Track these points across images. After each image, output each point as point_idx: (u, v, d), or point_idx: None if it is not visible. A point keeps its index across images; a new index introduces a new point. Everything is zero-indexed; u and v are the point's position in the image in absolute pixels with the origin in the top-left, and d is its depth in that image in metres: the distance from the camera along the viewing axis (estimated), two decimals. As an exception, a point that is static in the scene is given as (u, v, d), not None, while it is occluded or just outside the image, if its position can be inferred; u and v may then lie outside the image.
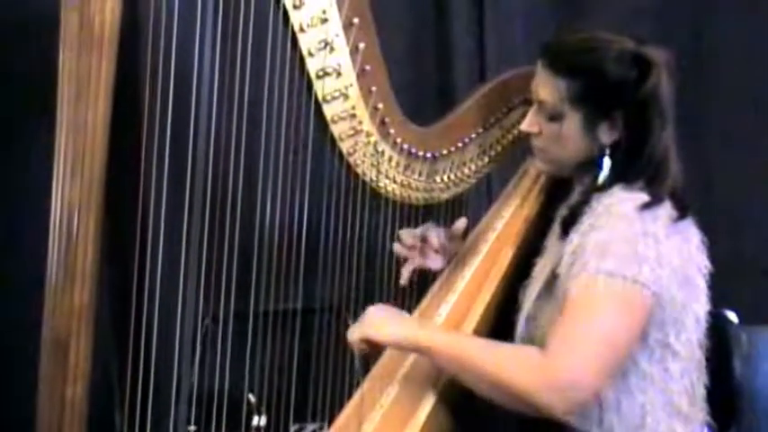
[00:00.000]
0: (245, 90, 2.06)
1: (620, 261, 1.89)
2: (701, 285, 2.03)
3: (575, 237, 1.98)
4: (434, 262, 2.34)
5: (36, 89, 2.20)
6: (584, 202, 2.03)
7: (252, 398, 2.15)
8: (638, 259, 1.90)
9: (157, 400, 2.08)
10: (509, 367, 1.90)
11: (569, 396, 1.87)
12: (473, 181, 2.40)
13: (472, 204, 2.50)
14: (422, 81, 2.88)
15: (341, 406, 2.14)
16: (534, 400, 1.87)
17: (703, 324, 2.05)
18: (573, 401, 1.88)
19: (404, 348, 2.05)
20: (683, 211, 1.99)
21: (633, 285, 1.89)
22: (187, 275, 2.04)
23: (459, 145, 2.34)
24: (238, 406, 2.15)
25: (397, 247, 2.33)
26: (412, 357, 2.11)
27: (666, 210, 1.97)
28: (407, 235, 2.33)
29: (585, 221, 1.99)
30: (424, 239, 2.32)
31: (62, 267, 1.89)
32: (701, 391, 2.07)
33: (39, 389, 1.92)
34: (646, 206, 1.95)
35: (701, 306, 2.03)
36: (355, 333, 2.01)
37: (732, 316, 2.27)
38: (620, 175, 2.01)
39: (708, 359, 2.08)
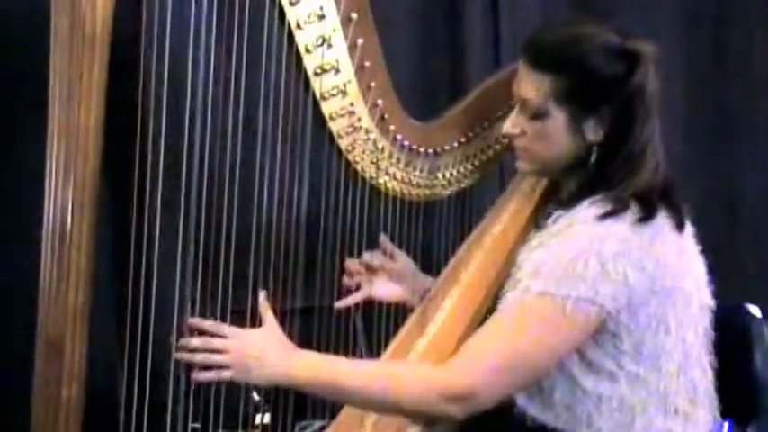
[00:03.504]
0: (241, 87, 2.03)
1: (553, 281, 1.88)
2: (685, 285, 1.99)
3: (523, 253, 1.99)
4: (382, 289, 2.34)
5: (27, 90, 2.20)
6: (549, 215, 2.01)
7: (256, 396, 2.14)
8: (575, 278, 1.87)
9: (158, 398, 2.08)
10: (399, 387, 1.92)
11: (466, 404, 1.88)
12: (476, 177, 2.38)
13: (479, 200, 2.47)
14: (434, 73, 2.85)
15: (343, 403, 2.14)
16: (433, 414, 1.90)
17: (699, 321, 2.02)
18: (470, 409, 1.89)
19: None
20: (649, 214, 1.94)
21: (564, 302, 1.87)
22: (184, 273, 2.04)
23: (462, 140, 2.32)
24: (242, 403, 2.14)
25: (345, 280, 2.33)
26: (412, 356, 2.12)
27: (626, 221, 1.92)
28: (351, 264, 2.32)
29: (536, 239, 1.98)
30: (368, 266, 2.33)
31: (56, 268, 1.87)
32: (705, 389, 2.05)
33: (33, 390, 1.91)
34: (602, 218, 1.92)
35: (687, 305, 2.00)
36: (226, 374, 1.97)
37: (755, 310, 2.25)
38: (604, 174, 1.98)
39: (729, 354, 2.08)
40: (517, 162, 2.13)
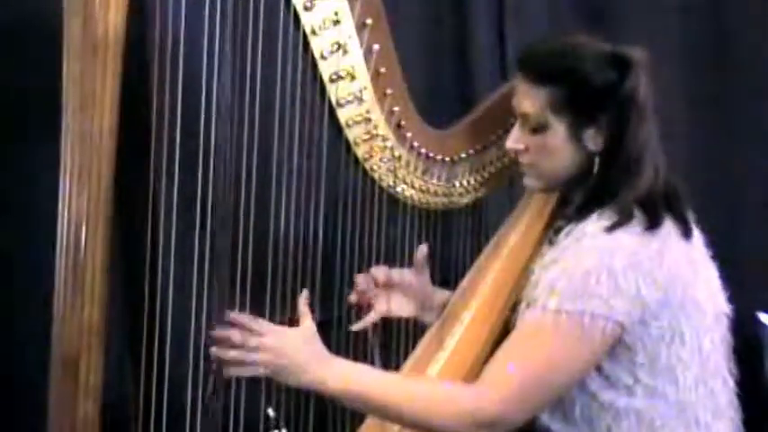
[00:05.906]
0: (256, 95, 2.01)
1: (568, 298, 1.88)
2: (698, 295, 1.98)
3: (536, 269, 1.98)
4: (398, 305, 2.29)
5: (39, 98, 2.16)
6: (559, 230, 2.02)
7: (271, 412, 2.11)
8: (589, 294, 1.87)
9: (172, 415, 2.04)
10: (431, 408, 1.91)
11: (495, 429, 1.90)
12: (493, 185, 2.35)
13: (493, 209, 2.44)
14: (440, 80, 2.81)
15: (362, 419, 2.11)
16: None
17: (715, 329, 2.02)
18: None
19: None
20: (654, 223, 1.94)
21: (581, 318, 1.87)
22: (200, 287, 2.01)
23: (479, 147, 2.29)
24: (258, 421, 2.10)
25: (352, 297, 2.27)
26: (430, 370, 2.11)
27: (634, 232, 1.93)
28: (361, 279, 2.26)
29: (549, 255, 1.98)
30: (377, 282, 2.27)
31: (70, 282, 1.82)
32: (728, 400, 2.05)
33: (49, 408, 1.87)
34: (610, 229, 1.92)
35: (701, 315, 1.99)
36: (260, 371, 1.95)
37: (765, 319, 2.22)
38: (607, 183, 1.98)
39: (740, 363, 2.06)
40: (524, 179, 2.13)
